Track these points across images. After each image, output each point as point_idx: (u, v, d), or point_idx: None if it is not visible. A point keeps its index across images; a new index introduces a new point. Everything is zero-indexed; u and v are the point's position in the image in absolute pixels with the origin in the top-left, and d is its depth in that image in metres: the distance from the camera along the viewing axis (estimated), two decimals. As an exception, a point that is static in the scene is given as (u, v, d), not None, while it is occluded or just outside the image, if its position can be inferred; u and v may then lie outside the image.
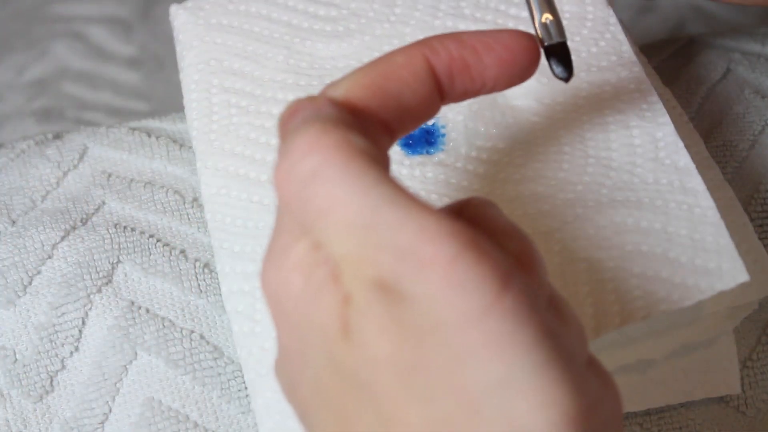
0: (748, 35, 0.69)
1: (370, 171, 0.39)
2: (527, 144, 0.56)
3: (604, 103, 0.58)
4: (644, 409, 0.55)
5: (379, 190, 0.38)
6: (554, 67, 0.52)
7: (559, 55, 0.52)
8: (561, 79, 0.52)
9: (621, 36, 0.60)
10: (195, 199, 0.60)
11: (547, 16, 0.52)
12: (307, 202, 0.39)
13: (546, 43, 0.52)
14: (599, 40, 0.60)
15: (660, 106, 0.57)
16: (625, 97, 0.57)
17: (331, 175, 0.39)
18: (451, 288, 0.37)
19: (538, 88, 0.58)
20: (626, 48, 0.59)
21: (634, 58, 0.59)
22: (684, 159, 0.54)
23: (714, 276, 0.50)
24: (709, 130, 0.63)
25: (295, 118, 0.41)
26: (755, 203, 0.60)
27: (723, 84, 0.64)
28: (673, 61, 0.67)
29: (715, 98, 0.64)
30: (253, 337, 0.52)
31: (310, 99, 0.42)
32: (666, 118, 0.56)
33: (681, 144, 0.55)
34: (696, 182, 0.54)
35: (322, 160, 0.39)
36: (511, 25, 0.60)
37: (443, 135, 0.57)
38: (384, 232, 0.38)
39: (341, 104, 0.42)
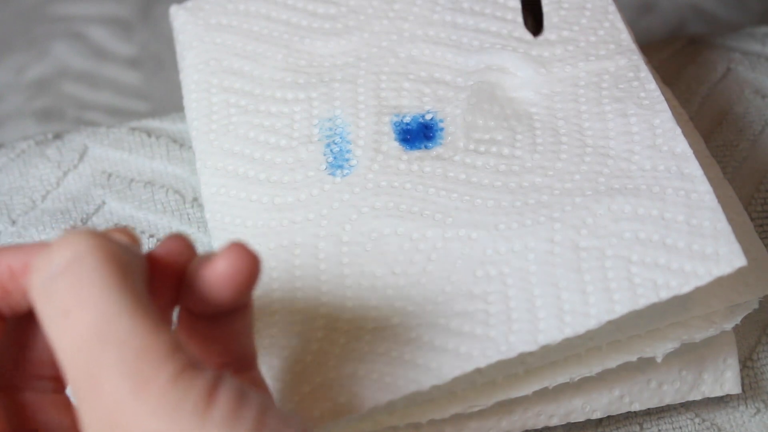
0: (748, 35, 0.69)
1: (118, 278, 0.40)
2: (526, 135, 0.56)
3: (602, 92, 0.58)
4: (644, 409, 0.55)
5: (122, 300, 0.39)
6: (528, 20, 0.57)
7: (534, 8, 0.56)
8: (530, 32, 0.57)
9: (620, 24, 0.60)
10: (195, 199, 0.60)
11: None
12: (51, 297, 0.40)
13: None
14: (598, 29, 0.60)
15: (658, 93, 0.57)
16: (623, 85, 0.58)
17: (80, 275, 0.39)
18: (165, 411, 0.38)
19: (537, 79, 0.58)
20: (625, 36, 0.59)
21: (633, 45, 0.59)
22: (681, 145, 0.55)
23: (711, 261, 0.50)
24: (710, 130, 0.63)
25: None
26: (755, 203, 0.60)
27: (723, 84, 0.64)
28: (673, 61, 0.67)
29: (716, 98, 0.64)
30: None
31: None
32: (663, 105, 0.56)
33: (678, 130, 0.55)
34: (693, 167, 0.54)
35: (74, 257, 0.40)
36: (510, 17, 0.61)
37: (441, 129, 0.57)
38: (111, 349, 0.39)
39: None
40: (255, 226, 0.55)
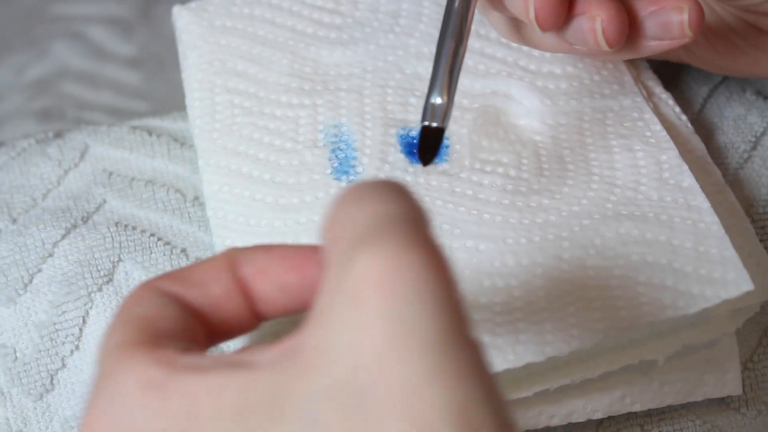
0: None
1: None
2: (531, 160, 0.57)
3: (607, 128, 0.59)
4: (645, 410, 0.55)
5: None
6: (420, 149, 0.52)
7: (431, 139, 0.51)
8: (420, 161, 0.52)
9: (622, 66, 0.61)
10: (196, 198, 0.60)
11: (439, 99, 0.51)
12: None
13: (425, 123, 0.51)
14: (601, 69, 0.61)
15: (664, 134, 0.58)
16: (628, 124, 0.59)
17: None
18: None
19: (542, 109, 0.59)
20: (628, 78, 0.61)
21: (635, 88, 0.60)
22: (688, 180, 0.56)
23: (719, 285, 0.51)
24: (711, 132, 0.63)
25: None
26: (757, 205, 0.61)
27: (725, 85, 0.64)
28: (673, 62, 0.67)
29: (717, 99, 0.64)
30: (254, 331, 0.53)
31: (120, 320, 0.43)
32: (670, 144, 0.57)
33: (686, 167, 0.56)
34: (700, 200, 0.55)
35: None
36: (515, 45, 0.61)
37: (447, 146, 0.58)
38: None
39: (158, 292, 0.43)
40: (258, 224, 0.55)
